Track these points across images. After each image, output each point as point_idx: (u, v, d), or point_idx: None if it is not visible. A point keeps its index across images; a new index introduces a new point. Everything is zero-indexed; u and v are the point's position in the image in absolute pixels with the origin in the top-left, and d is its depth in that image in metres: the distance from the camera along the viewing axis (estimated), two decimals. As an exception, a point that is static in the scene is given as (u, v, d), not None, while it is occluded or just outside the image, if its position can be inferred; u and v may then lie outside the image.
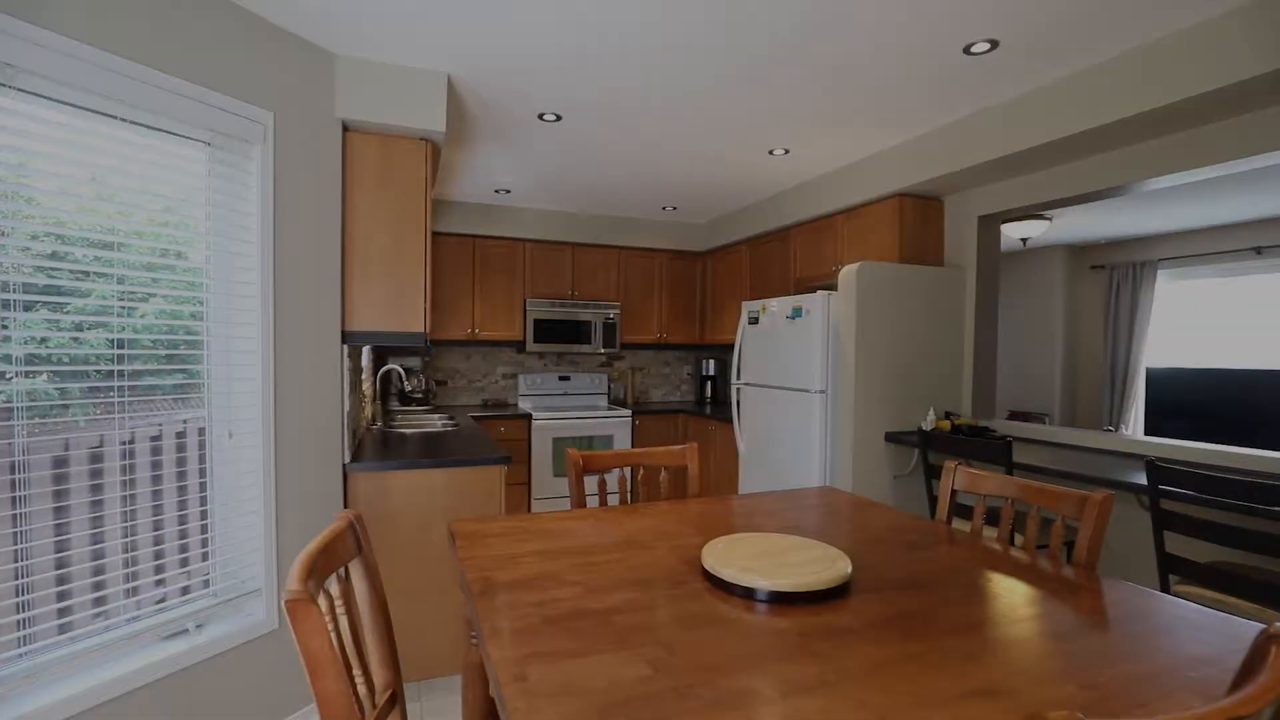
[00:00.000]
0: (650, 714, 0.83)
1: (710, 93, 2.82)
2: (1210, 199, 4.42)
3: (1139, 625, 1.15)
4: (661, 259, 5.57)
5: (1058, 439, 3.03)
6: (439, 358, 5.24)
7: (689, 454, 2.11)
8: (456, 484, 2.70)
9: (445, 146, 3.56)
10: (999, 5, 2.10)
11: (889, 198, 3.54)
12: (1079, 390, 6.37)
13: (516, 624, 1.10)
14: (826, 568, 1.27)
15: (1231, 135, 2.37)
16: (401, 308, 2.71)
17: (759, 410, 3.89)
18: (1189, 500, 1.94)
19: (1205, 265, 5.42)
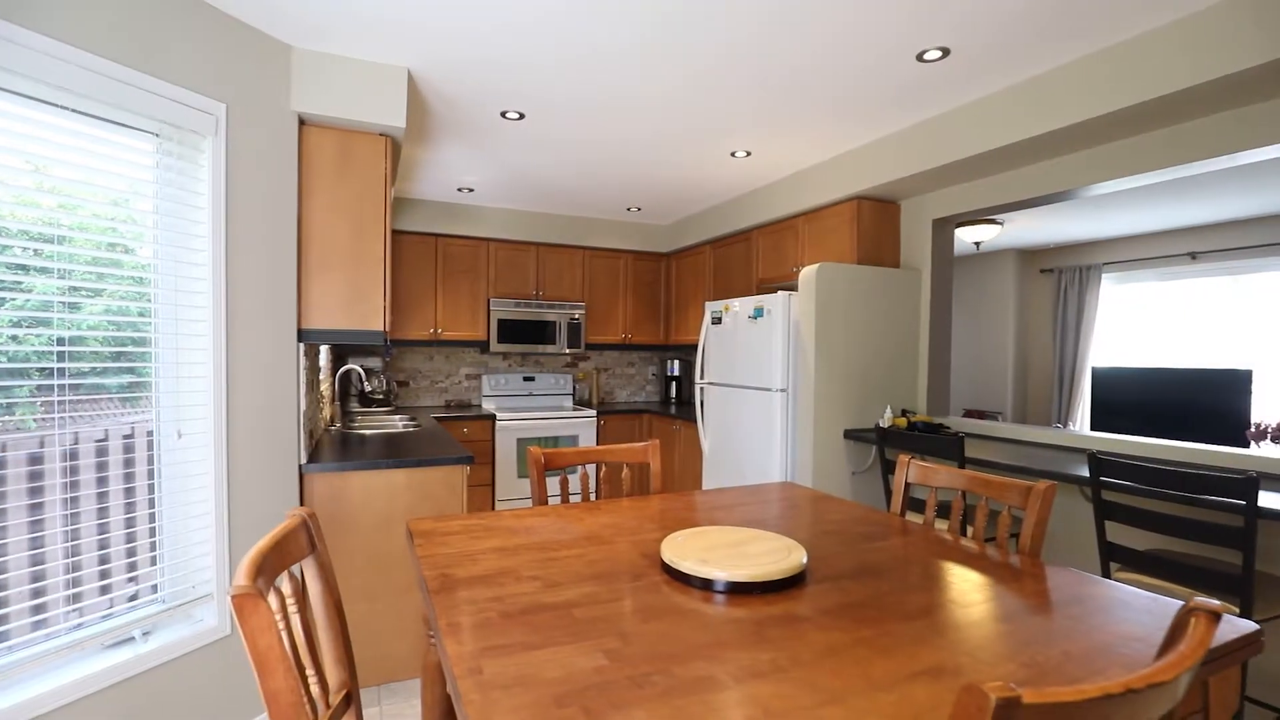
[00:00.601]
0: (605, 702, 0.84)
1: (671, 94, 2.85)
2: (1149, 206, 4.63)
3: (1079, 608, 1.21)
4: (626, 259, 5.59)
5: (1008, 435, 3.14)
6: (400, 358, 5.16)
7: (651, 451, 2.12)
8: (417, 484, 2.67)
9: (406, 143, 3.52)
10: (949, 15, 2.17)
11: (847, 201, 3.62)
12: (1029, 389, 6.60)
13: (474, 619, 1.09)
14: (782, 558, 1.29)
15: (1167, 144, 2.49)
16: (360, 306, 2.66)
17: (722, 409, 3.94)
18: (1127, 491, 2.03)
19: (1145, 269, 5.67)
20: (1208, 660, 1.03)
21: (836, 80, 2.69)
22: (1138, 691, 0.64)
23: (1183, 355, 5.42)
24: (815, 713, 0.83)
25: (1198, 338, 5.34)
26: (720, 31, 2.30)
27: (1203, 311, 5.33)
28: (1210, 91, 2.15)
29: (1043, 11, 2.14)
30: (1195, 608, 0.78)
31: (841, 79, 2.67)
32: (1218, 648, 1.03)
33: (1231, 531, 1.79)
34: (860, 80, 2.69)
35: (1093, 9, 2.11)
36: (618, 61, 2.54)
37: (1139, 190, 4.17)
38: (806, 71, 2.60)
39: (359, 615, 2.57)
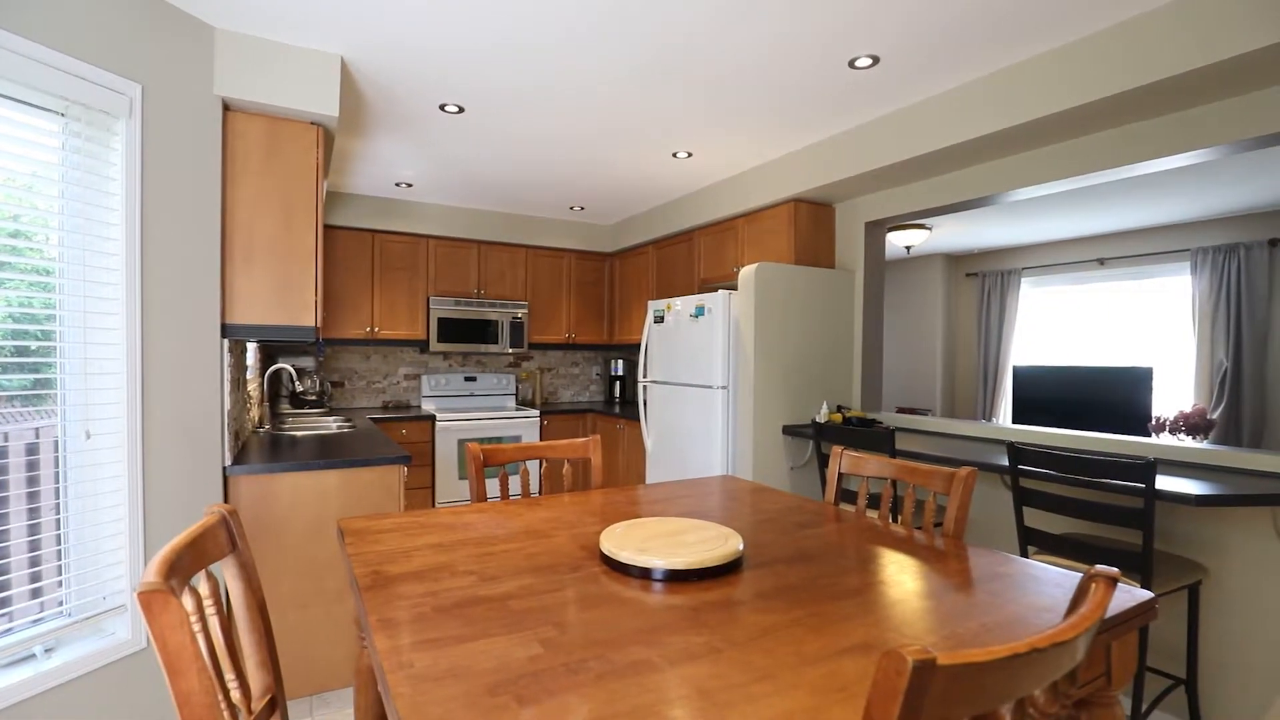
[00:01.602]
0: (539, 689, 0.83)
1: (613, 92, 2.85)
2: (1062, 215, 4.93)
3: (997, 584, 1.27)
4: (570, 259, 5.56)
5: (936, 429, 3.28)
6: (335, 358, 4.98)
7: (592, 446, 2.12)
8: (351, 486, 2.58)
9: (341, 134, 3.41)
10: (878, 24, 2.26)
11: (785, 203, 3.71)
12: (957, 386, 6.92)
13: (406, 614, 1.06)
14: (719, 546, 1.31)
15: (1079, 153, 2.66)
16: (290, 301, 2.56)
17: (665, 407, 3.96)
18: (1042, 478, 2.15)
19: (1060, 274, 6.03)
20: (1109, 627, 1.10)
21: (774, 84, 2.75)
22: (1042, 650, 0.68)
23: (1093, 354, 5.79)
24: (747, 690, 0.84)
25: (1106, 338, 5.72)
26: (661, 30, 2.32)
27: (1110, 313, 5.71)
28: (1112, 106, 2.30)
29: (963, 27, 2.25)
30: (1095, 574, 0.83)
31: (779, 83, 2.74)
32: (1118, 615, 1.10)
33: (1133, 513, 1.92)
34: (796, 85, 2.76)
35: (1008, 27, 2.23)
36: (558, 54, 2.53)
37: (1053, 199, 4.43)
38: (745, 74, 2.66)
39: (290, 623, 2.47)
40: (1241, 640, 2.17)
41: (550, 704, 0.80)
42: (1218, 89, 2.15)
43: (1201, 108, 2.30)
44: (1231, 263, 4.84)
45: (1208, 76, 2.06)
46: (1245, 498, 1.83)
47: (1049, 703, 0.75)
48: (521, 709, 0.79)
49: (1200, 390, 5.03)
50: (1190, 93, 2.19)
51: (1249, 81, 2.09)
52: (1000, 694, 0.68)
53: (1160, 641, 2.37)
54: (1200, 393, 5.03)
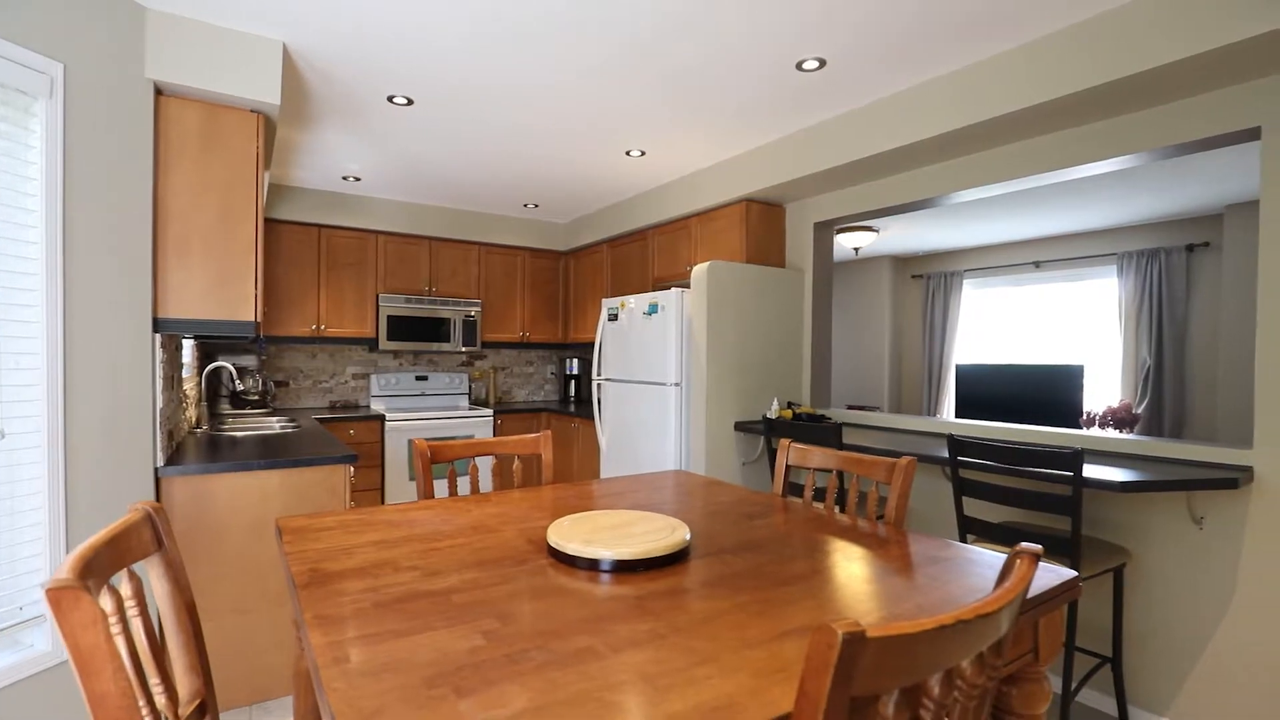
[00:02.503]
0: (479, 679, 0.82)
1: (563, 89, 2.84)
2: (1001, 218, 5.13)
3: (935, 568, 1.31)
4: (524, 257, 5.51)
5: (882, 424, 3.37)
6: (279, 357, 4.82)
7: (543, 442, 2.10)
8: (293, 487, 2.50)
9: (284, 125, 3.30)
10: (823, 29, 2.31)
11: (737, 203, 3.76)
12: (903, 384, 7.13)
13: (343, 611, 1.04)
14: (666, 536, 1.32)
15: (1017, 157, 2.77)
16: (228, 294, 2.46)
17: (619, 405, 3.96)
18: (980, 469, 2.23)
19: (999, 276, 6.28)
20: (1037, 604, 1.15)
21: (723, 85, 2.79)
22: (968, 622, 0.71)
23: (1030, 352, 6.05)
24: (688, 673, 0.85)
25: (1042, 337, 5.98)
26: (613, 27, 2.32)
27: (1045, 314, 5.97)
28: (1045, 113, 2.41)
29: (907, 34, 2.32)
30: (1019, 551, 0.87)
31: (728, 84, 2.78)
32: (1044, 593, 1.16)
33: (1063, 500, 2.01)
34: (745, 86, 2.80)
35: (948, 36, 2.31)
36: (509, 48, 2.50)
37: (993, 203, 4.61)
38: (695, 74, 2.68)
39: (229, 628, 2.37)
40: (1161, 618, 2.30)
41: (489, 693, 0.79)
42: (1140, 99, 2.28)
43: (1125, 116, 2.42)
44: (1154, 266, 5.13)
45: (1131, 86, 2.18)
46: (1163, 483, 1.94)
47: (976, 674, 0.78)
48: (460, 699, 0.78)
49: (1126, 386, 5.30)
50: (1116, 102, 2.31)
51: (1168, 92, 2.22)
52: (928, 665, 0.70)
53: (1088, 622, 2.49)
54: (1126, 389, 5.30)
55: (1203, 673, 2.19)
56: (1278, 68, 2.02)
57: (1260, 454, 2.08)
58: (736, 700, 0.79)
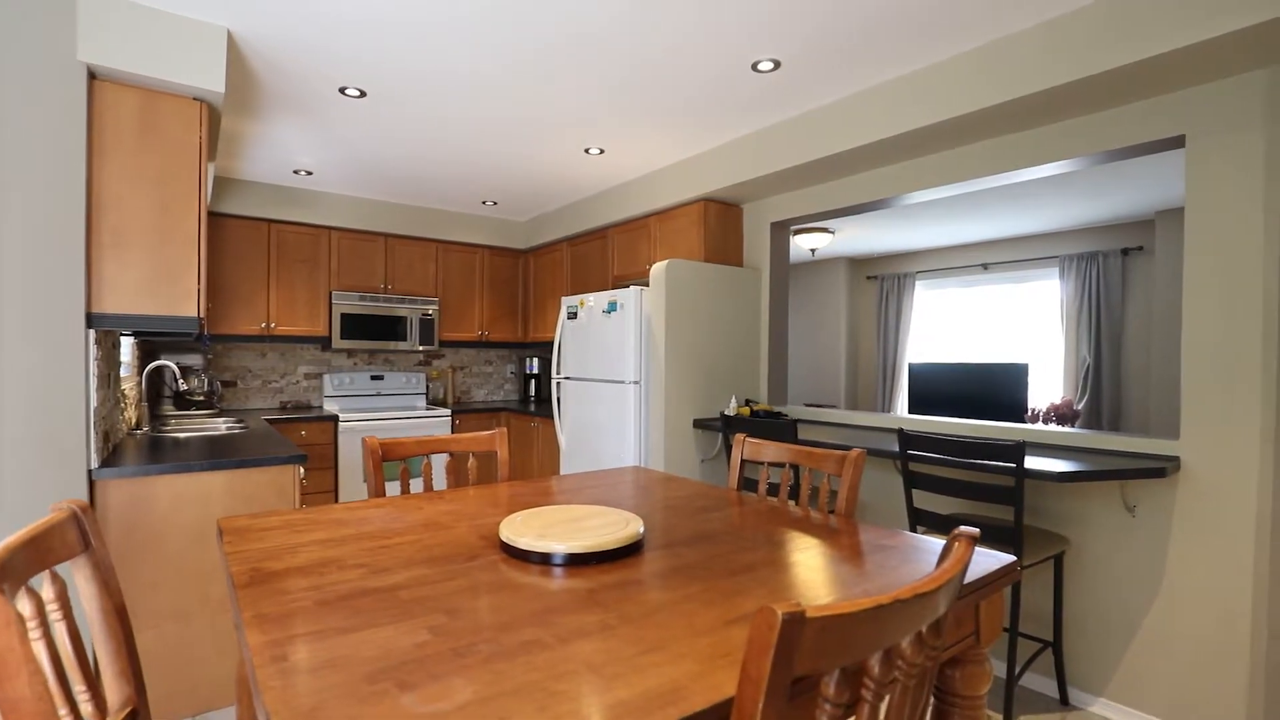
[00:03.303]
0: (423, 673, 0.81)
1: (521, 84, 2.82)
2: (951, 221, 5.29)
3: (883, 555, 1.34)
4: (482, 255, 5.45)
5: (837, 420, 3.43)
6: (226, 356, 4.65)
7: (499, 439, 2.08)
8: (239, 489, 2.41)
9: (231, 115, 3.19)
10: (778, 30, 2.34)
11: (695, 202, 3.78)
12: (859, 383, 7.29)
13: (284, 609, 1.00)
14: (620, 530, 1.32)
15: (967, 159, 2.86)
16: (168, 288, 2.37)
17: (579, 403, 3.95)
18: (929, 462, 2.30)
19: (949, 277, 6.48)
20: (978, 588, 1.19)
21: (681, 83, 2.80)
22: (905, 602, 0.73)
23: (979, 351, 6.25)
24: (635, 661, 0.85)
25: (990, 336, 6.19)
26: (570, 20, 2.31)
27: (993, 314, 6.18)
28: (995, 115, 2.50)
29: (860, 37, 2.37)
30: (957, 534, 0.90)
31: (686, 83, 2.79)
32: (984, 576, 1.19)
33: (1006, 491, 2.09)
34: (702, 85, 2.82)
35: (898, 41, 2.37)
36: (466, 41, 2.47)
37: (943, 206, 4.75)
38: (653, 71, 2.69)
39: (169, 637, 2.28)
40: (1098, 603, 2.40)
41: (433, 687, 0.78)
42: (1076, 107, 2.37)
43: (1064, 122, 2.52)
44: (1092, 269, 5.36)
45: (1068, 94, 2.27)
46: (1098, 473, 2.02)
47: (915, 653, 0.80)
48: (402, 694, 0.76)
49: (1068, 383, 5.53)
50: (1055, 109, 2.40)
51: (1102, 100, 2.32)
52: (868, 644, 0.71)
53: (1031, 609, 2.59)
54: (1068, 386, 5.52)
55: (1136, 653, 2.30)
56: (1201, 79, 2.13)
57: (1186, 445, 2.19)
58: (682, 685, 0.79)
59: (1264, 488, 2.03)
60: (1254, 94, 2.07)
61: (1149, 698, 2.27)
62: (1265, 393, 2.03)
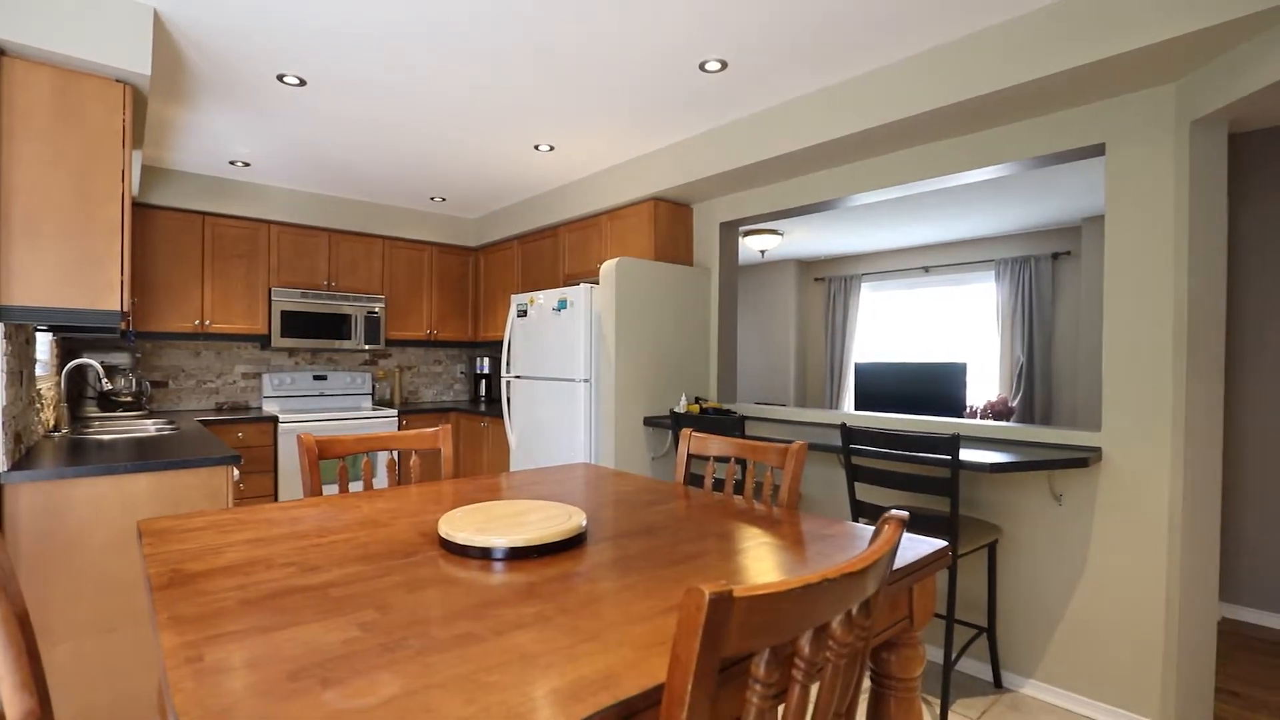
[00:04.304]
0: (348, 669, 0.78)
1: (465, 76, 2.78)
2: (894, 225, 5.46)
3: (824, 544, 1.37)
4: (431, 252, 5.34)
5: (785, 417, 3.49)
6: (157, 354, 4.43)
7: (442, 436, 2.04)
8: (167, 492, 2.30)
9: (160, 100, 3.04)
10: (724, 31, 2.37)
11: (646, 201, 3.80)
12: (808, 382, 7.44)
13: (203, 610, 0.96)
14: (562, 523, 1.31)
15: (908, 163, 2.94)
16: (87, 280, 2.23)
17: (529, 402, 3.91)
18: (868, 454, 2.36)
19: (893, 279, 6.67)
20: (910, 573, 1.22)
21: (628, 83, 2.81)
22: (833, 581, 0.74)
23: (921, 351, 6.46)
24: (570, 651, 0.84)
25: (931, 336, 6.40)
26: (516, 17, 2.28)
27: (934, 315, 6.40)
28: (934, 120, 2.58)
29: (805, 40, 2.42)
30: (888, 518, 0.92)
31: (634, 81, 2.80)
32: (916, 561, 1.23)
33: (942, 482, 2.16)
34: (651, 84, 2.83)
35: (841, 45, 2.43)
36: (408, 30, 2.42)
37: (886, 210, 4.89)
38: (600, 69, 2.69)
39: (90, 651, 2.15)
40: (1028, 588, 2.50)
41: (358, 683, 0.75)
42: (1007, 114, 2.48)
43: (997, 129, 2.63)
44: (1025, 273, 5.60)
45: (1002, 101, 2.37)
46: (1026, 464, 2.11)
47: (845, 633, 0.82)
48: (324, 690, 0.73)
49: (1003, 382, 5.76)
50: (988, 115, 2.50)
51: (1032, 108, 2.43)
52: (796, 623, 0.72)
53: (966, 596, 2.68)
54: (1003, 384, 5.76)
55: (1063, 635, 2.41)
56: (1120, 90, 2.25)
57: (1107, 436, 2.31)
58: (616, 672, 0.79)
59: (1175, 475, 2.16)
60: (1165, 106, 2.20)
61: (1075, 677, 2.38)
62: (1176, 388, 2.16)
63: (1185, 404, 2.14)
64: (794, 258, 7.21)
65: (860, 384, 6.43)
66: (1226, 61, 1.98)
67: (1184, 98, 2.15)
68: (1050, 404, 5.53)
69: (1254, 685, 2.54)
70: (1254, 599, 3.12)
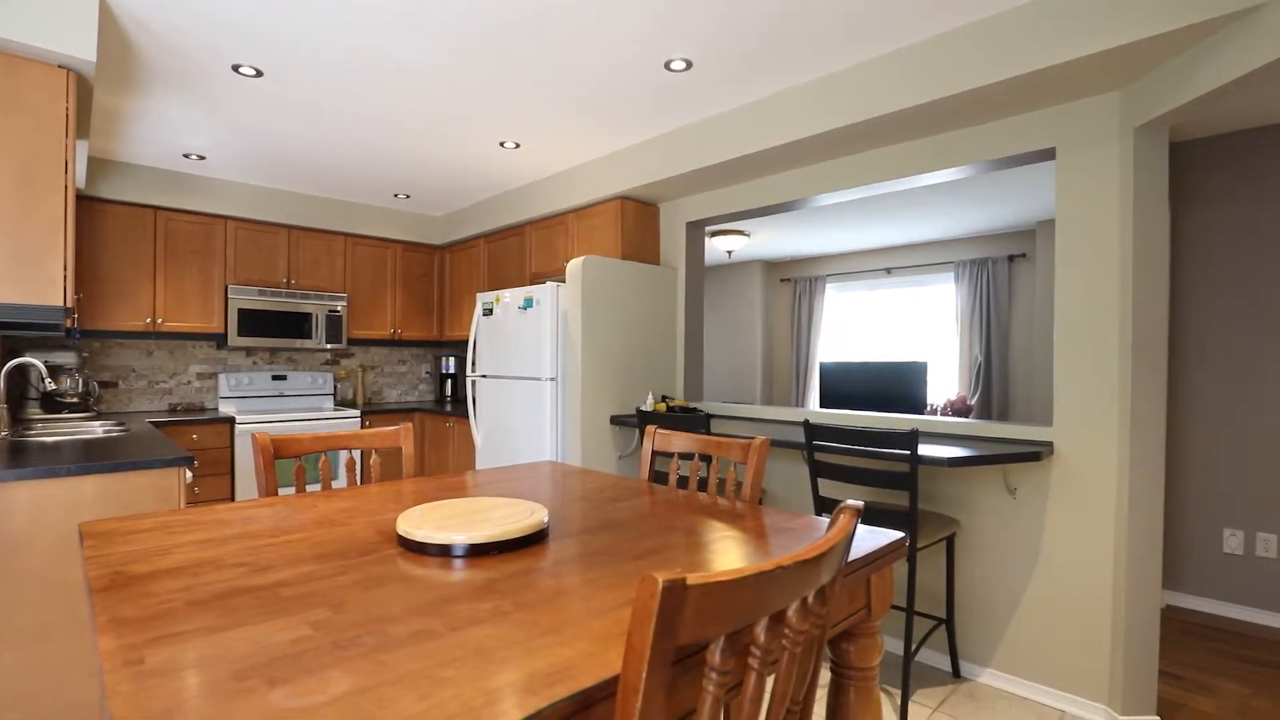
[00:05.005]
0: (298, 668, 0.76)
1: (428, 71, 2.74)
2: (857, 227, 5.55)
3: (785, 536, 1.38)
4: (395, 250, 5.25)
5: (751, 415, 3.52)
6: (106, 354, 4.27)
7: (403, 434, 2.00)
8: (115, 495, 2.21)
9: (109, 89, 2.94)
10: (689, 30, 2.38)
11: (612, 200, 3.80)
12: (775, 382, 7.52)
13: (146, 612, 0.93)
14: (523, 519, 1.30)
15: (872, 164, 3.00)
16: (28, 275, 2.15)
17: (494, 401, 3.87)
18: (831, 450, 2.39)
19: (857, 280, 6.79)
20: (867, 563, 1.24)
21: (594, 81, 2.80)
22: (787, 568, 0.75)
23: (884, 350, 6.59)
24: (527, 645, 0.84)
25: (894, 336, 6.53)
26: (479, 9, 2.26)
27: (896, 315, 6.53)
28: (896, 121, 2.63)
29: (771, 41, 2.45)
30: (843, 507, 0.93)
31: (598, 80, 2.80)
32: (873, 552, 1.25)
33: (902, 476, 2.20)
34: (616, 83, 2.83)
35: (805, 47, 2.47)
36: (367, 21, 2.37)
37: (850, 211, 4.97)
38: (564, 67, 2.68)
39: (32, 660, 2.06)
40: (985, 580, 2.57)
41: (307, 681, 0.73)
42: (963, 118, 2.54)
43: (954, 132, 2.70)
44: (983, 274, 5.76)
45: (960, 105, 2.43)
46: (981, 458, 2.17)
47: (801, 621, 0.83)
48: (270, 690, 0.72)
49: (963, 380, 5.91)
50: (946, 118, 2.56)
51: (987, 113, 2.49)
52: (751, 611, 0.73)
53: (925, 588, 2.74)
54: (963, 382, 5.91)
55: (1018, 624, 2.48)
56: (1070, 96, 2.33)
57: (1058, 431, 2.38)
58: (573, 665, 0.78)
59: (1121, 468, 2.24)
60: (1111, 113, 2.28)
61: (1029, 665, 2.45)
62: (1122, 385, 2.24)
63: (1131, 400, 2.22)
64: (761, 259, 7.29)
65: (825, 383, 6.53)
66: (1167, 70, 2.06)
67: (1128, 105, 2.23)
68: (1007, 402, 5.69)
69: (1194, 668, 2.65)
70: (1195, 586, 3.26)
